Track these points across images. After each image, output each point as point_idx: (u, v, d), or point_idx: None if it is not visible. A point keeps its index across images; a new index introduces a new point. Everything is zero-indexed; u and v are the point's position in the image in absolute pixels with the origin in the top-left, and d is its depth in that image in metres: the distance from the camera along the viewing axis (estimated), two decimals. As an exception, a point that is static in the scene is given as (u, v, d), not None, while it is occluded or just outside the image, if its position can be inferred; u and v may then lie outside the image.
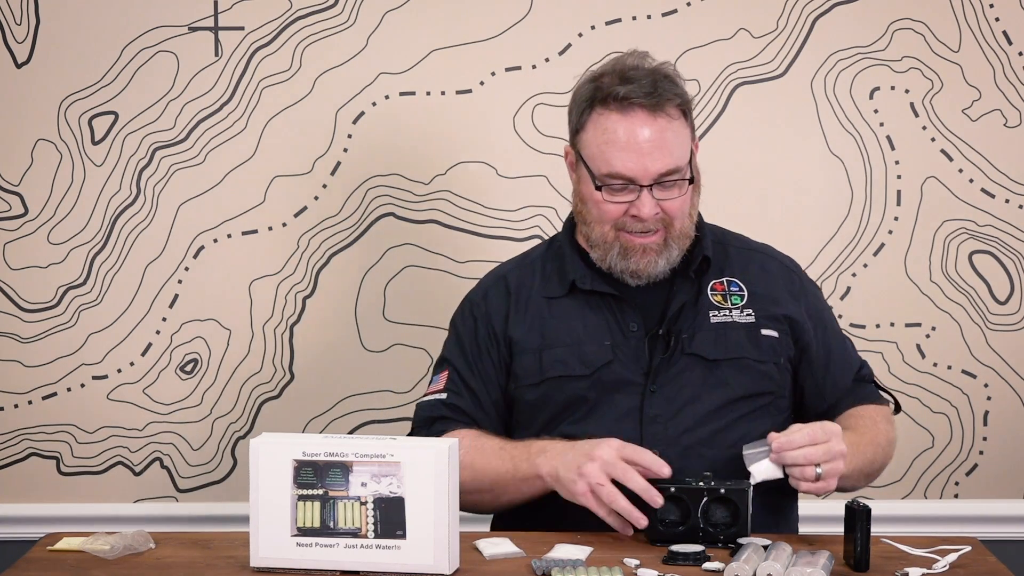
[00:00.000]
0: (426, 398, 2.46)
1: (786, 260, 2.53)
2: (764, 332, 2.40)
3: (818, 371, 2.44)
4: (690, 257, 2.42)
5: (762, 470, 2.21)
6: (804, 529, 2.46)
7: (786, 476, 2.21)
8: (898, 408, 2.55)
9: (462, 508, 2.19)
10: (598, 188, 2.35)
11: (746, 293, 2.43)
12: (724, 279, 2.44)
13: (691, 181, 2.36)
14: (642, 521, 2.17)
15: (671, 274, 2.41)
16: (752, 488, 2.17)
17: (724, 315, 2.40)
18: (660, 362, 2.36)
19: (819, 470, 2.17)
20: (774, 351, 2.40)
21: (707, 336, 2.38)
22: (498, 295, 2.46)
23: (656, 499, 2.16)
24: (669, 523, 2.17)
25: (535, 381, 2.39)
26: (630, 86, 2.32)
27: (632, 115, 2.32)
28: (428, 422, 2.44)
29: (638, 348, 2.37)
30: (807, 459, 2.17)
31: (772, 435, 2.21)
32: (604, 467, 2.18)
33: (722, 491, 2.15)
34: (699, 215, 2.46)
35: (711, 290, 2.42)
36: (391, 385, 3.11)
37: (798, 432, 2.19)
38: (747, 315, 2.41)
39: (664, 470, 2.17)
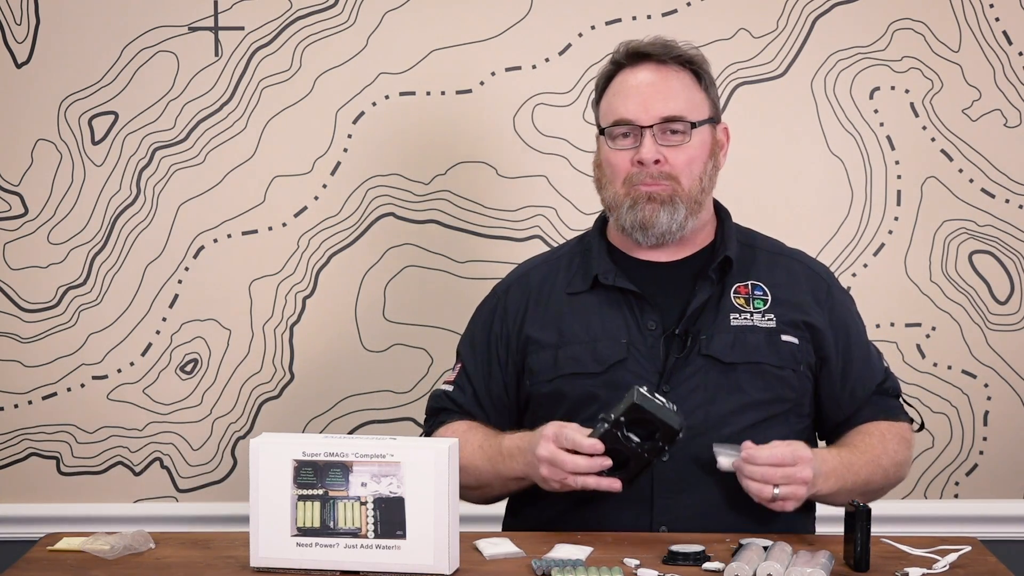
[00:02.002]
0: (440, 387, 2.52)
1: (817, 267, 2.50)
2: (784, 338, 2.38)
3: (836, 381, 2.42)
4: (711, 257, 2.42)
5: (726, 467, 2.23)
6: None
7: None
8: (921, 426, 2.54)
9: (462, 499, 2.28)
10: (601, 133, 2.39)
11: (770, 298, 2.40)
12: (748, 282, 2.42)
13: (695, 126, 2.37)
14: (615, 486, 2.19)
15: (693, 275, 2.41)
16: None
17: (745, 319, 2.38)
18: (675, 362, 2.35)
19: (776, 491, 2.17)
20: (793, 358, 2.38)
21: (725, 339, 2.36)
22: (519, 292, 2.47)
23: (614, 486, 2.19)
24: (620, 469, 2.19)
25: (549, 377, 2.39)
26: (642, 42, 2.41)
27: (640, 66, 2.40)
28: (434, 412, 2.50)
29: (654, 347, 2.36)
30: (764, 478, 2.18)
31: (747, 444, 2.21)
32: (552, 466, 2.21)
33: (622, 419, 2.16)
34: (729, 216, 2.47)
35: (734, 293, 2.40)
36: (391, 385, 3.11)
37: (766, 450, 2.19)
38: (768, 320, 2.39)
39: (588, 445, 2.17)
